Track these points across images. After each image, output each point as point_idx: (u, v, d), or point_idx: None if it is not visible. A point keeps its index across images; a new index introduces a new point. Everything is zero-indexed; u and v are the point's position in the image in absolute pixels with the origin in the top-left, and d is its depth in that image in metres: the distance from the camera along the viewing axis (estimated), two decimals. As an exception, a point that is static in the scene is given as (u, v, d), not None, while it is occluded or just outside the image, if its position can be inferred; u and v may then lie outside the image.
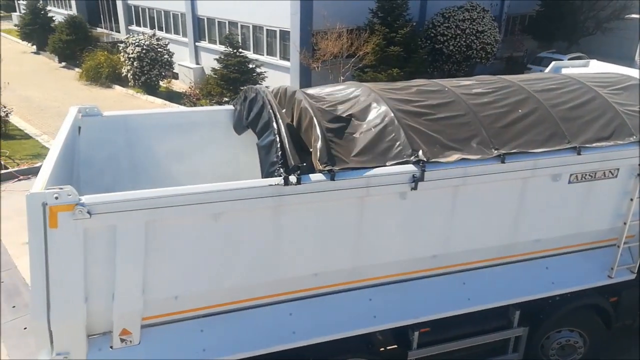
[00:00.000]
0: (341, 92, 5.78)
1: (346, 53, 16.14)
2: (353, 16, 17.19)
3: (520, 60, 23.72)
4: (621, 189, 5.99)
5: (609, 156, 5.64)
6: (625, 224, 6.15)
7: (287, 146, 4.70)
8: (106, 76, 21.87)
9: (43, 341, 4.42)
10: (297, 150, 4.72)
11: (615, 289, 6.66)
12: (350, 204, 4.89)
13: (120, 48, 21.38)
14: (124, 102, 19.58)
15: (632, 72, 7.22)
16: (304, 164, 4.60)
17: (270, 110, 5.14)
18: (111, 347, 4.70)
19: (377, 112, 5.29)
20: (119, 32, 28.06)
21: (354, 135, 5.09)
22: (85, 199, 4.01)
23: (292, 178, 4.47)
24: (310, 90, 5.99)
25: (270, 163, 4.83)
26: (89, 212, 3.99)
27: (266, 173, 4.88)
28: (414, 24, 18.61)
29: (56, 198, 3.91)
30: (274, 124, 4.97)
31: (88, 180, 5.79)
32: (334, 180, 4.57)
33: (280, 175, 4.48)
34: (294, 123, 5.31)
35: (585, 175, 5.71)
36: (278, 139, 4.80)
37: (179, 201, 4.25)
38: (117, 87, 21.55)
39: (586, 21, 24.21)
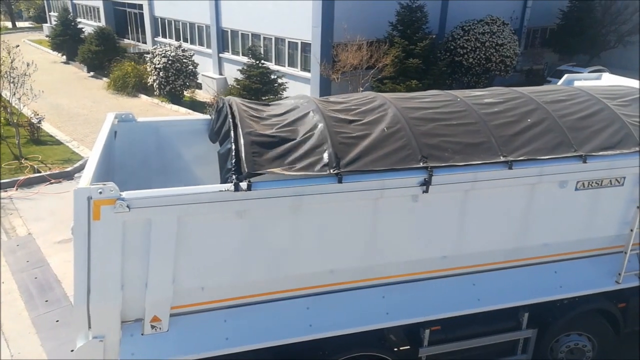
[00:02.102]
0: (359, 101, 6.13)
1: (366, 65, 16.53)
2: (373, 29, 17.62)
3: (540, 73, 23.82)
4: (628, 197, 6.21)
5: (614, 164, 5.88)
6: (632, 230, 6.35)
7: (243, 155, 4.89)
8: (133, 85, 22.68)
9: (82, 325, 4.84)
10: (259, 158, 4.93)
11: (623, 295, 6.82)
12: (361, 207, 5.24)
13: (147, 58, 22.15)
14: (150, 111, 20.28)
15: (641, 84, 7.45)
16: (262, 173, 4.81)
17: (230, 120, 5.36)
18: (142, 334, 5.10)
19: (391, 117, 5.62)
20: (145, 43, 29.04)
21: (368, 136, 5.38)
22: (125, 194, 4.45)
23: (243, 184, 4.69)
24: (332, 98, 6.35)
25: (225, 170, 5.08)
26: (128, 207, 4.41)
27: (222, 179, 5.13)
28: (434, 36, 18.95)
29: (100, 193, 4.34)
30: (232, 133, 5.18)
31: (121, 181, 6.19)
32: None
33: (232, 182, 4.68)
34: None
35: (592, 182, 5.94)
36: (234, 147, 4.98)
37: (205, 198, 4.65)
38: (143, 97, 22.32)
39: (607, 35, 24.25)
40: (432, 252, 5.75)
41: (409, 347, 6.29)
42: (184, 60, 20.90)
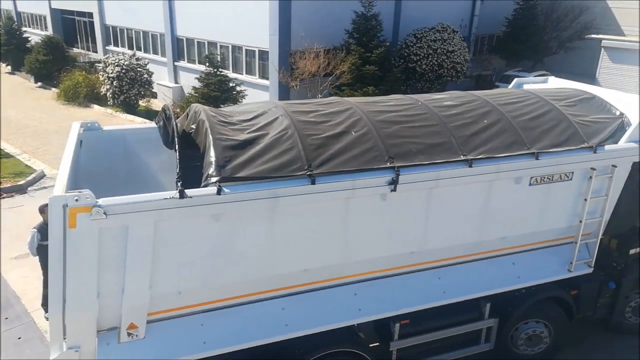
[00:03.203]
0: (326, 105, 6.33)
1: (323, 72, 16.82)
2: (330, 37, 17.97)
3: (489, 78, 24.91)
4: (576, 191, 6.69)
5: (563, 160, 6.34)
6: (581, 222, 6.84)
7: (214, 160, 4.95)
8: (84, 95, 22.09)
9: (57, 335, 4.79)
10: (231, 163, 4.99)
11: (575, 283, 7.32)
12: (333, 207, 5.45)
13: (99, 68, 21.66)
14: (103, 121, 19.47)
15: (583, 86, 8.04)
16: (235, 177, 4.88)
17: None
18: (118, 342, 5.07)
19: (358, 120, 5.85)
20: (96, 52, 28.33)
21: (337, 137, 5.58)
22: (101, 201, 4.45)
23: (213, 189, 4.72)
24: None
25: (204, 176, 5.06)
26: (105, 213, 4.42)
27: (202, 185, 5.11)
28: (388, 44, 19.48)
29: (76, 200, 4.34)
30: (203, 139, 5.29)
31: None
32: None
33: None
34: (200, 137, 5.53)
35: (544, 178, 6.38)
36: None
37: (184, 203, 4.72)
38: (96, 107, 21.76)
39: (550, 41, 25.68)
40: (400, 248, 6.01)
41: (380, 342, 6.52)
42: (138, 69, 20.56)
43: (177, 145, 5.21)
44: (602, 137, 6.65)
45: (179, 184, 4.71)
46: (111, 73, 20.29)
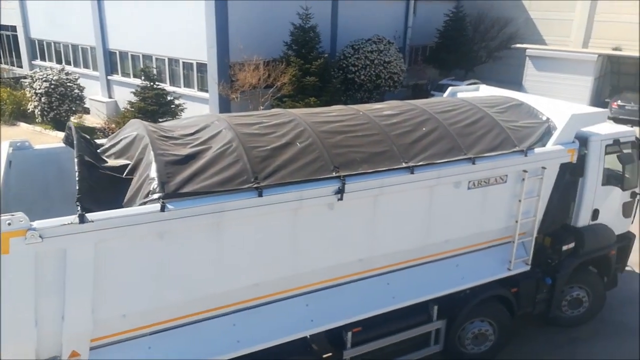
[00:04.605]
0: (269, 116, 6.33)
1: (264, 84, 16.79)
2: (269, 49, 18.00)
3: (424, 87, 25.86)
4: (511, 192, 7.04)
5: (497, 164, 6.66)
6: (517, 222, 7.20)
7: (157, 177, 4.86)
8: (10, 113, 20.84)
9: (-10, 370, 4.45)
10: (174, 178, 4.88)
11: (515, 280, 7.68)
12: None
13: (26, 83, 20.53)
14: (32, 139, 18.39)
15: (512, 94, 8.52)
16: (179, 193, 4.77)
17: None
18: (59, 372, 4.79)
19: (302, 131, 5.88)
20: (21, 67, 26.82)
21: (282, 149, 5.58)
22: (36, 223, 4.21)
23: (157, 206, 4.60)
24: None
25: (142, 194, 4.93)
26: (40, 236, 4.18)
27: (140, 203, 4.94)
28: (327, 55, 19.77)
29: (9, 224, 4.07)
30: (144, 156, 5.19)
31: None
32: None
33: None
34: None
35: (481, 181, 6.68)
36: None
37: (125, 222, 4.55)
38: (23, 124, 20.58)
39: (479, 51, 27.06)
40: (349, 256, 6.08)
41: (333, 351, 6.53)
42: (68, 84, 19.64)
43: (77, 165, 4.92)
44: (531, 141, 7.06)
45: (78, 207, 4.42)
46: (39, 89, 19.26)
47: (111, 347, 5.00)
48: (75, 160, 5.01)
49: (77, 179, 4.79)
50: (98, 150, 5.83)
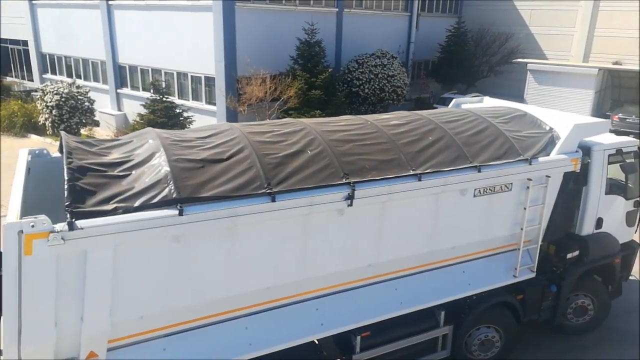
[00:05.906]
0: (280, 125, 6.51)
1: (271, 97, 17.07)
2: (275, 63, 18.34)
3: (427, 101, 26.14)
4: (516, 200, 7.18)
5: (503, 172, 6.81)
6: (522, 229, 7.33)
7: (173, 181, 4.96)
8: (21, 125, 21.20)
9: (11, 369, 4.58)
10: (190, 182, 5.01)
11: (520, 287, 7.78)
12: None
13: (37, 96, 20.89)
14: (43, 151, 19.01)
15: (515, 105, 8.70)
16: (196, 197, 4.92)
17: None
18: (77, 373, 4.92)
19: (313, 139, 6.07)
20: (32, 80, 27.29)
21: (294, 156, 5.75)
22: (58, 226, 4.37)
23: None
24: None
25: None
26: (62, 238, 4.34)
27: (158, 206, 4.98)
28: (332, 69, 20.08)
29: (32, 226, 4.24)
30: (156, 161, 5.26)
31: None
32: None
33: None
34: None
35: (487, 189, 6.83)
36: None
37: (144, 225, 4.71)
38: (34, 136, 20.92)
39: (481, 65, 27.38)
40: (358, 261, 6.21)
41: (343, 356, 6.63)
42: (79, 97, 19.98)
43: (65, 173, 4.98)
44: (535, 150, 7.22)
45: (67, 214, 4.47)
46: (50, 102, 19.59)
47: (127, 348, 5.13)
48: (64, 168, 5.00)
49: (65, 186, 4.78)
50: (102, 147, 5.80)
